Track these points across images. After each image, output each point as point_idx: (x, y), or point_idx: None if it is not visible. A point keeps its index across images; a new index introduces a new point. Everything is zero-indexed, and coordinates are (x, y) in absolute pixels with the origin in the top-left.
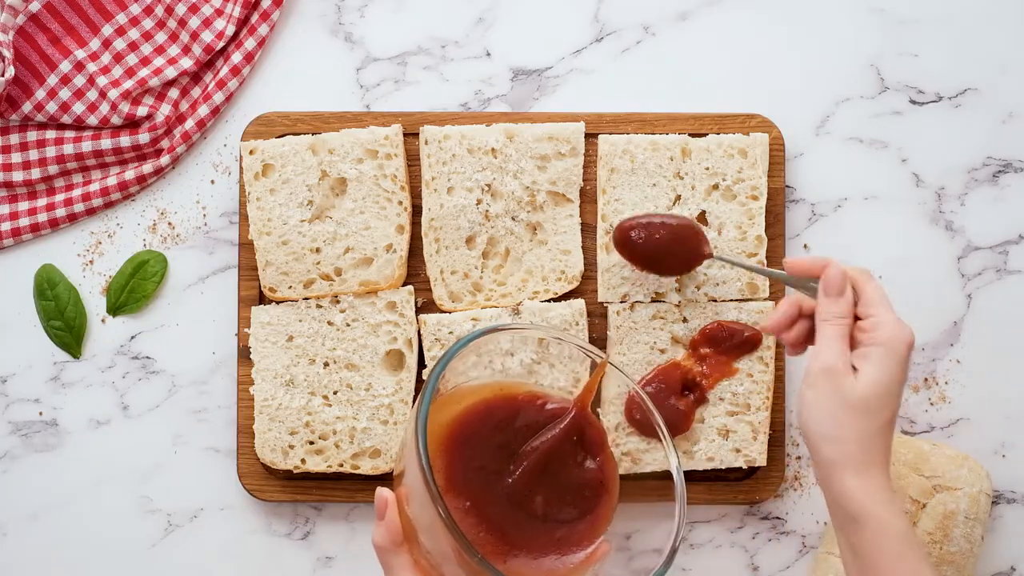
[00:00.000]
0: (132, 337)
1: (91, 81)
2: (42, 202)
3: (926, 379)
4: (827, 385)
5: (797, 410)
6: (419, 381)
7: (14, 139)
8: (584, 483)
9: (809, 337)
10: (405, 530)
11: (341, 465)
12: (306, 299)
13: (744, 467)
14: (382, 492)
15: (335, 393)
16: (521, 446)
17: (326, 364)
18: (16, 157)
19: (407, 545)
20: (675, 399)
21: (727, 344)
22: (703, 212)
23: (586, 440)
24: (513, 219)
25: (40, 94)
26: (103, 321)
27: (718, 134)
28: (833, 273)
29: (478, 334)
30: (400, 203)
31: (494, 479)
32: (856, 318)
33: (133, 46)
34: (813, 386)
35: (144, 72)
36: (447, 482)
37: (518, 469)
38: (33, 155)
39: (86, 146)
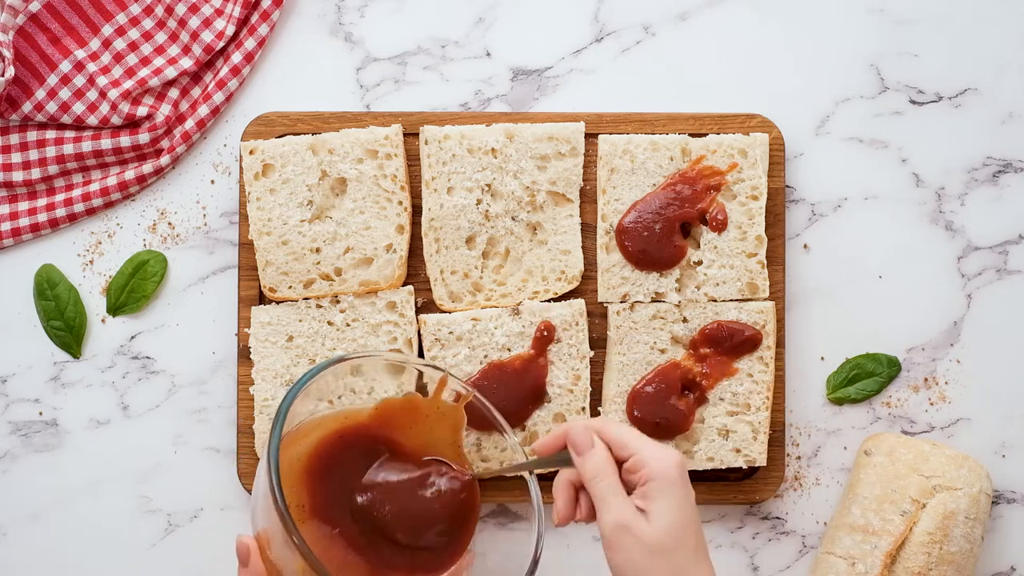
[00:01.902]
0: (132, 337)
1: (91, 81)
2: (42, 202)
3: (926, 379)
4: (624, 540)
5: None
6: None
7: (14, 139)
8: (447, 506)
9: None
10: (270, 575)
11: None
12: (306, 299)
13: (744, 467)
14: (242, 539)
15: (340, 398)
16: (385, 473)
17: None
18: (16, 157)
19: None
20: (675, 399)
21: (727, 344)
22: (701, 211)
23: (447, 467)
24: (513, 219)
25: (40, 94)
26: (103, 321)
27: (718, 134)
28: (574, 431)
29: (313, 373)
30: (400, 203)
31: (359, 506)
32: (621, 463)
33: (133, 46)
34: (613, 547)
35: (144, 72)
36: (312, 511)
37: (377, 496)
38: (33, 155)
39: (86, 146)
